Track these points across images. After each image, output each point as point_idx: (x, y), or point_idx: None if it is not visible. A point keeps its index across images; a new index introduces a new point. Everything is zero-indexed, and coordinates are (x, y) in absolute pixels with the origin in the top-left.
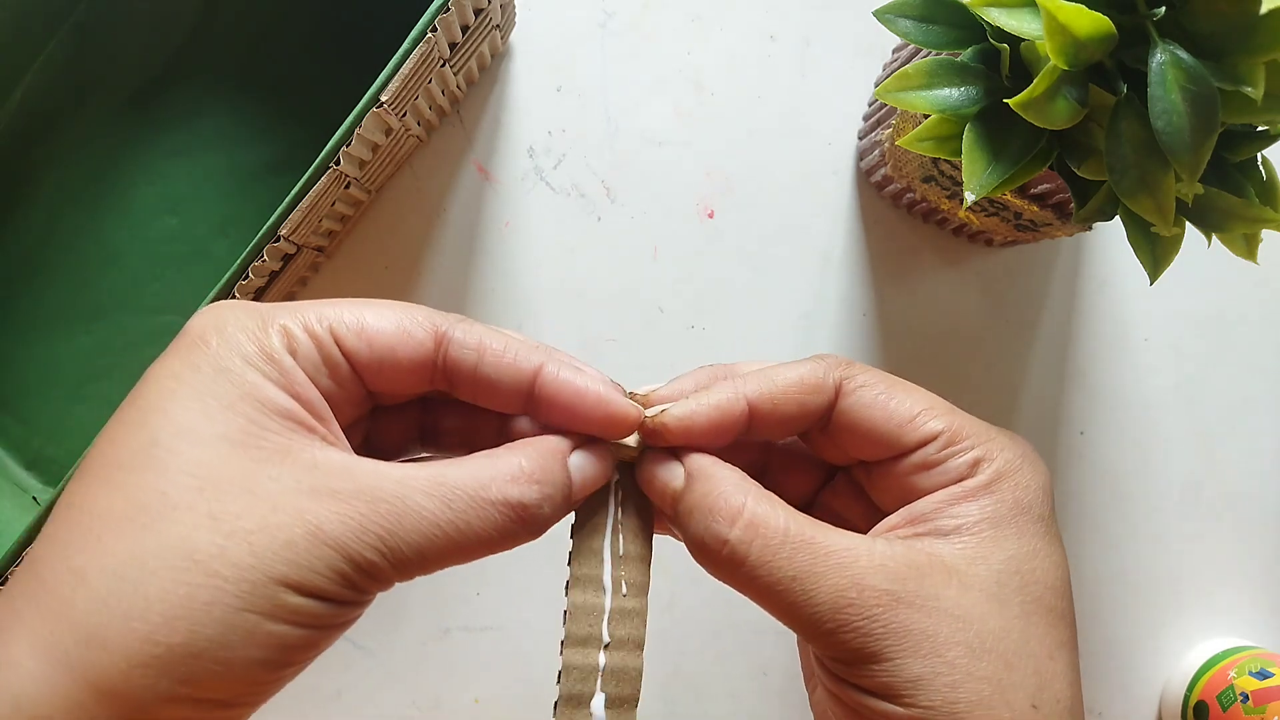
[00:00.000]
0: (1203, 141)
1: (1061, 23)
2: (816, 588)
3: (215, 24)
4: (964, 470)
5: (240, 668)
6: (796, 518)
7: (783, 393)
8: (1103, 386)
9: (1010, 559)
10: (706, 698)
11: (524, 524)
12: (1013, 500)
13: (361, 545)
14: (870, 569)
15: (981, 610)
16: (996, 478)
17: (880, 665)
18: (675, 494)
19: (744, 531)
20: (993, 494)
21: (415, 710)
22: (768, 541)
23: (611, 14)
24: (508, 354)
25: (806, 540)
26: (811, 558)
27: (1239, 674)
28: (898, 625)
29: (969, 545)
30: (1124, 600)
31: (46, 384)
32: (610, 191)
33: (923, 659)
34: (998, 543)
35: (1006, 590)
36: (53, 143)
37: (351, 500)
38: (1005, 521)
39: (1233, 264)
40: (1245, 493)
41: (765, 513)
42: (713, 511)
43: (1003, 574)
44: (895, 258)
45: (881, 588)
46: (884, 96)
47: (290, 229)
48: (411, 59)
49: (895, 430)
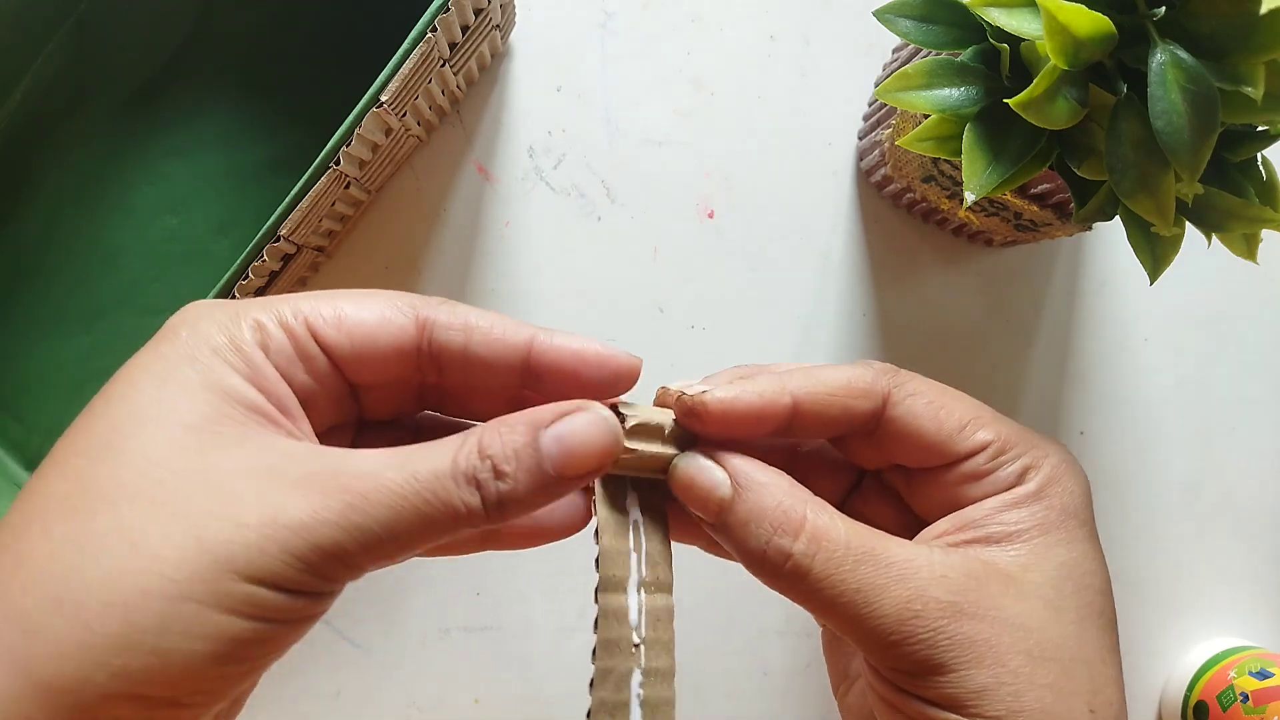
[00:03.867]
0: (1203, 141)
1: (1061, 23)
2: (880, 600)
3: (215, 24)
4: (1012, 479)
5: (181, 661)
6: (856, 528)
7: (829, 394)
8: (1103, 386)
9: (1063, 565)
10: (706, 698)
11: (495, 502)
12: (1060, 506)
13: (324, 526)
14: (932, 580)
15: (1040, 618)
16: (1045, 484)
17: (945, 676)
18: (722, 503)
19: (808, 545)
20: (1042, 500)
21: (415, 710)
22: (831, 554)
23: (611, 14)
24: (495, 329)
25: (869, 551)
26: (874, 570)
27: (1239, 674)
28: (962, 637)
29: (1023, 552)
30: (1124, 600)
31: (46, 384)
32: (610, 191)
33: (987, 669)
34: (1050, 549)
35: (1062, 596)
36: (53, 143)
37: (311, 480)
38: (1055, 527)
39: (1233, 264)
40: (1245, 493)
41: (826, 524)
42: (775, 525)
43: (1057, 580)
44: (895, 258)
45: (945, 599)
46: (884, 96)
47: (290, 229)
48: (411, 59)
49: (945, 440)
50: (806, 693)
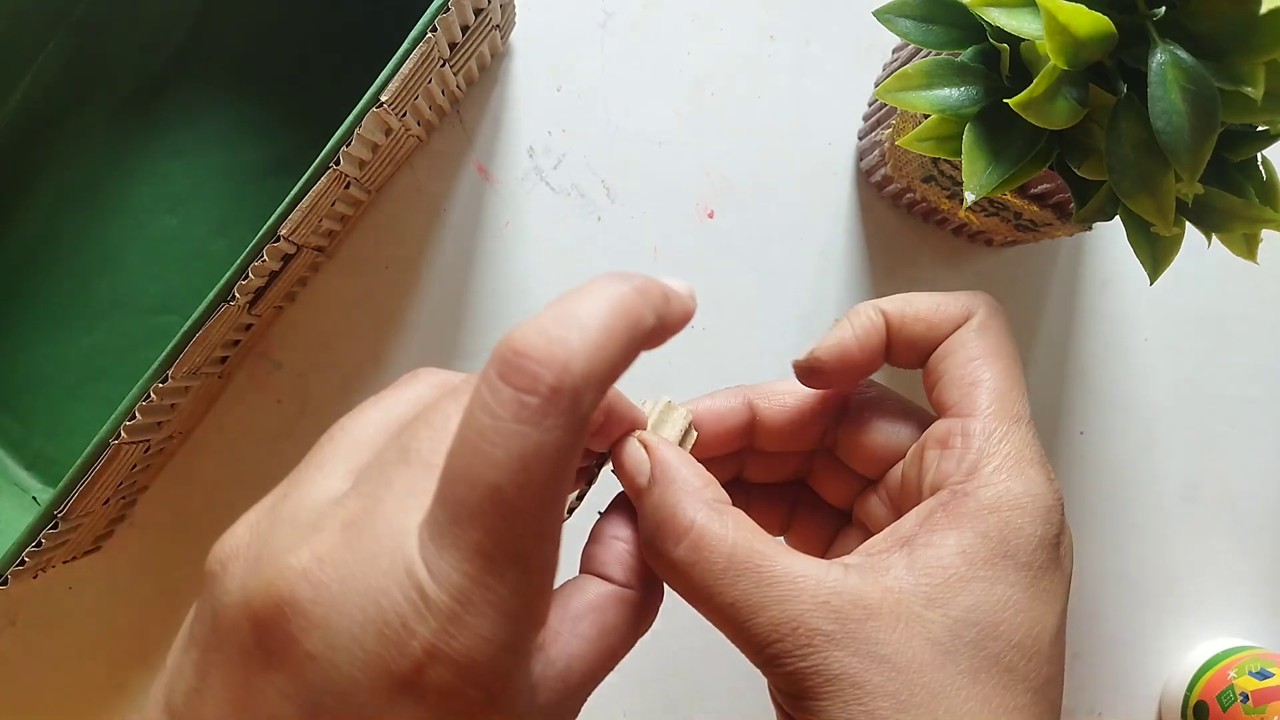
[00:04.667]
0: (1203, 141)
1: (1061, 23)
2: (754, 618)
3: (215, 24)
4: (956, 478)
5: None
6: (747, 539)
7: (915, 313)
8: (1103, 386)
9: (973, 609)
10: (706, 698)
11: None
12: (999, 540)
13: None
14: (812, 606)
15: (923, 661)
16: (987, 509)
17: (810, 704)
18: (639, 491)
19: (687, 552)
20: (977, 528)
21: None
22: (710, 565)
23: (611, 14)
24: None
25: (751, 567)
26: (753, 587)
27: (1239, 674)
28: (826, 667)
29: (934, 585)
30: (1124, 600)
31: (46, 384)
32: (610, 191)
33: (845, 705)
34: (965, 586)
35: (959, 642)
36: (53, 143)
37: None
38: (981, 564)
39: (1233, 264)
40: (1245, 493)
41: (713, 534)
42: (661, 525)
43: (959, 624)
44: (895, 258)
45: (816, 627)
46: (884, 96)
47: (290, 229)
48: (411, 59)
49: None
50: None
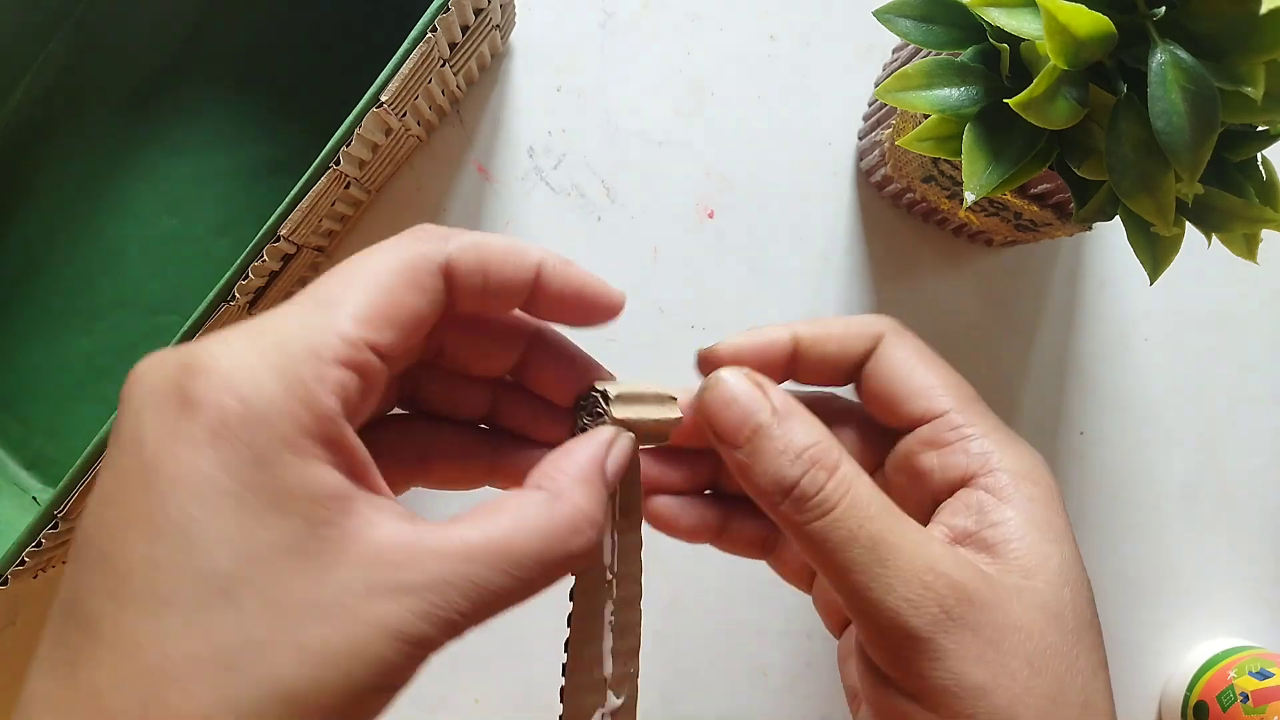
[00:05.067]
0: (1203, 141)
1: (1061, 23)
2: (895, 559)
3: (215, 24)
4: (977, 464)
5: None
6: (877, 489)
7: (827, 332)
8: (1103, 386)
9: (1060, 571)
10: (706, 698)
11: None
12: (1043, 502)
13: (435, 631)
14: (947, 556)
15: (1042, 625)
16: (1017, 479)
17: (941, 664)
18: (759, 428)
19: (837, 485)
20: (1021, 497)
21: (415, 710)
22: (855, 500)
23: (611, 14)
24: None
25: (890, 509)
26: (895, 526)
27: (1239, 674)
28: (967, 622)
29: (1021, 556)
30: (1124, 600)
31: (46, 384)
32: (610, 191)
33: (986, 666)
34: (1042, 550)
35: (1062, 603)
36: (53, 143)
37: (423, 593)
38: (1042, 527)
39: (1233, 264)
40: (1245, 493)
41: (853, 473)
42: (812, 458)
43: (1057, 585)
44: (895, 258)
45: (959, 579)
46: (884, 96)
47: (290, 229)
48: (411, 59)
49: (907, 396)
50: (806, 693)
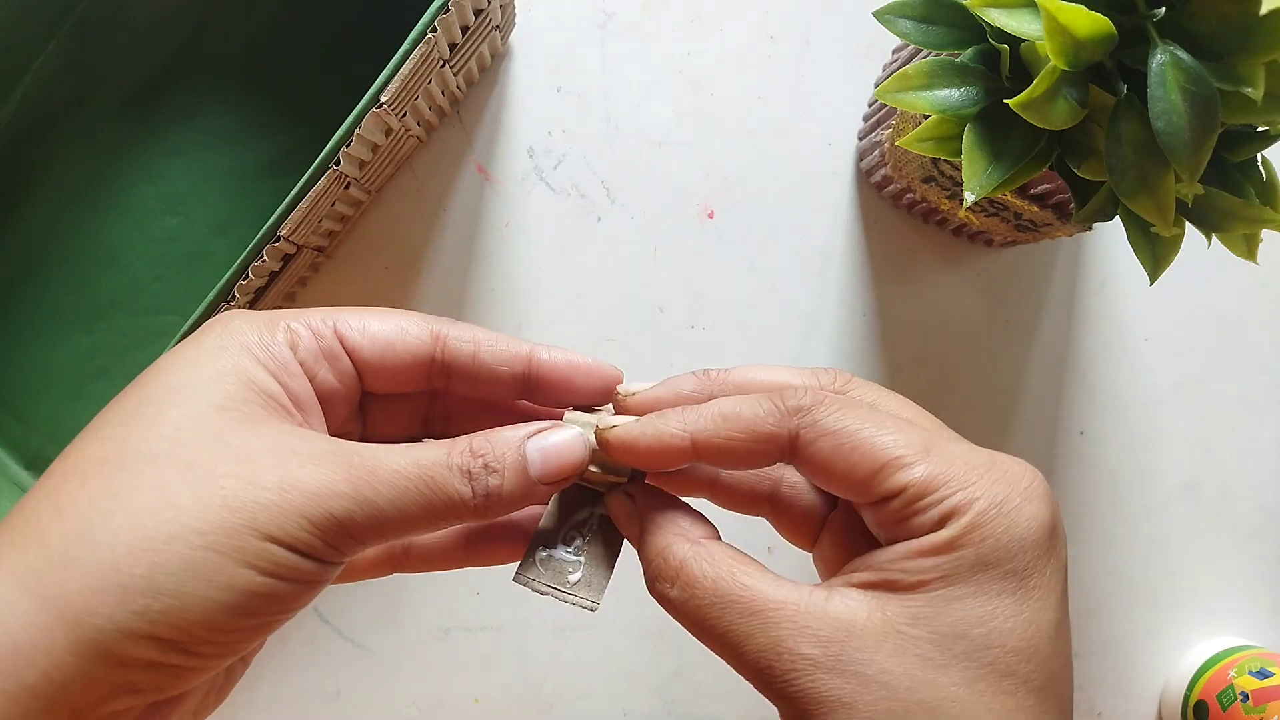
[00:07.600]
0: (1203, 141)
1: (1061, 23)
2: (744, 646)
3: (215, 24)
4: (929, 526)
5: (200, 606)
6: (730, 571)
7: (727, 438)
8: (1103, 386)
9: (959, 621)
10: (706, 698)
11: (484, 495)
12: (976, 556)
13: (338, 498)
14: (795, 631)
15: (914, 678)
16: (964, 532)
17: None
18: (635, 538)
19: (680, 591)
20: (955, 550)
21: (415, 710)
22: (700, 601)
23: (611, 14)
24: (501, 341)
25: (734, 599)
26: (739, 617)
27: (1239, 674)
28: (815, 690)
29: (917, 605)
30: (1124, 600)
31: (46, 384)
32: (610, 191)
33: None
34: (949, 602)
35: (948, 655)
36: (53, 143)
37: (325, 457)
38: (963, 578)
39: (1233, 264)
40: (1245, 493)
41: (698, 572)
42: (656, 571)
43: (946, 638)
44: (895, 258)
45: (801, 652)
46: (884, 97)
47: (290, 229)
48: (411, 59)
49: (857, 484)
50: None
